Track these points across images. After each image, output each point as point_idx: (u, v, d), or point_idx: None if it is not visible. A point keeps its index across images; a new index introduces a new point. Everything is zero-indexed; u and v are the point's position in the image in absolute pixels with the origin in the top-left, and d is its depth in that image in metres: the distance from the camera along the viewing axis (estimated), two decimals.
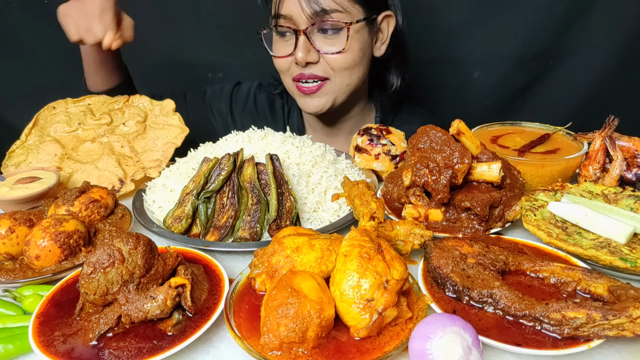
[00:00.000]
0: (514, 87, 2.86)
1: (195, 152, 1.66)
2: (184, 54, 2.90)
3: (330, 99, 1.98)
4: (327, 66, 1.89)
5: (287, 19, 1.83)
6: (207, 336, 0.97)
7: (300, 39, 1.82)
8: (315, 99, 1.97)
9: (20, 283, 1.13)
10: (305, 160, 1.54)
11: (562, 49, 2.71)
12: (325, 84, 1.93)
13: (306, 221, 1.39)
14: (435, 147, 1.27)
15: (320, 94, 1.96)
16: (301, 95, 1.99)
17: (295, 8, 1.79)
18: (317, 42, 1.84)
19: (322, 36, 1.85)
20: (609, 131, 1.42)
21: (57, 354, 0.88)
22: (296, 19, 1.81)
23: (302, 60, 1.84)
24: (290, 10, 1.81)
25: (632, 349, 0.90)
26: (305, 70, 1.90)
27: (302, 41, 1.82)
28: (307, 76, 1.90)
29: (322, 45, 1.85)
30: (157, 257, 1.01)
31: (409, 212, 1.28)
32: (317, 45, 1.84)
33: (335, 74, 1.91)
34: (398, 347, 0.86)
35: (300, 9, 1.79)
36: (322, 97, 1.97)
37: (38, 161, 1.71)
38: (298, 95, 2.01)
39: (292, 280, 0.90)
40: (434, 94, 2.90)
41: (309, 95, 1.96)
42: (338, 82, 1.94)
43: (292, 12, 1.81)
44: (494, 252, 1.07)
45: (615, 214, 1.20)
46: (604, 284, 0.96)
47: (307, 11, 1.78)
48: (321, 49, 1.85)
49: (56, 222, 1.16)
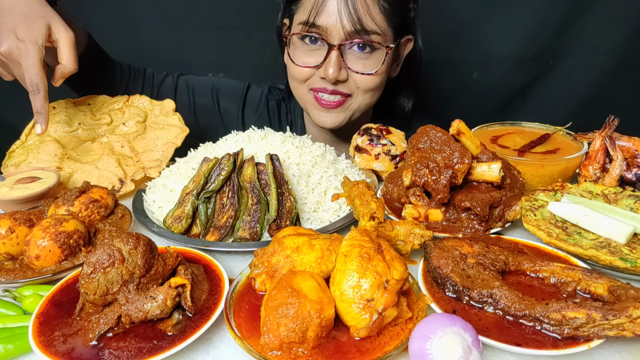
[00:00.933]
0: (514, 87, 2.86)
1: (195, 152, 1.66)
2: (184, 54, 2.90)
3: (348, 116, 1.93)
4: (353, 84, 1.84)
5: (321, 30, 1.74)
6: (207, 336, 0.97)
7: (332, 54, 1.75)
8: (333, 114, 1.91)
9: (20, 283, 1.13)
10: (305, 160, 1.54)
11: (562, 49, 2.71)
12: (346, 100, 1.88)
13: (306, 221, 1.39)
14: (435, 147, 1.27)
15: (339, 110, 1.90)
16: (318, 108, 1.92)
17: (334, 21, 1.71)
18: (349, 59, 1.79)
19: (355, 54, 1.79)
20: (609, 131, 1.42)
21: (57, 354, 0.88)
22: (332, 33, 1.74)
23: (333, 78, 1.77)
24: (328, 22, 1.72)
25: (632, 349, 0.90)
26: (330, 86, 1.83)
27: (335, 57, 1.75)
28: (331, 91, 1.84)
29: (354, 64, 1.79)
30: (157, 257, 1.01)
31: (409, 212, 1.28)
32: (349, 63, 1.79)
33: (359, 93, 1.87)
34: (398, 347, 0.86)
35: (340, 24, 1.71)
36: (340, 113, 1.92)
37: (38, 161, 1.71)
38: (314, 107, 1.93)
39: (292, 280, 0.90)
40: (434, 94, 2.90)
41: (327, 109, 1.90)
42: (359, 101, 1.90)
43: (329, 25, 1.72)
44: (494, 252, 1.07)
45: (615, 214, 1.20)
46: (604, 284, 0.96)
47: (347, 28, 1.71)
48: (352, 67, 1.79)
49: (56, 222, 1.16)
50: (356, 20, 1.71)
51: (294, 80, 1.94)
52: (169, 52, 2.86)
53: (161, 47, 2.85)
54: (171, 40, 2.84)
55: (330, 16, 1.72)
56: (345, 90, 1.85)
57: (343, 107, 1.90)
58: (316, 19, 1.74)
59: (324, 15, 1.72)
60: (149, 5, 2.76)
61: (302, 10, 1.80)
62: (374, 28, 1.74)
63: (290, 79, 1.98)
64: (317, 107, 1.92)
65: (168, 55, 2.87)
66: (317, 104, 1.90)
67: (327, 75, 1.77)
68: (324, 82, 1.84)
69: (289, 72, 1.95)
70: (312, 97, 1.91)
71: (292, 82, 1.97)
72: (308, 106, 1.97)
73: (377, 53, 1.81)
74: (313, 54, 1.82)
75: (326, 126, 1.96)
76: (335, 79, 1.79)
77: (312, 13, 1.74)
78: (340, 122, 1.94)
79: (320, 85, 1.85)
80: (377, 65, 1.81)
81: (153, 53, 2.83)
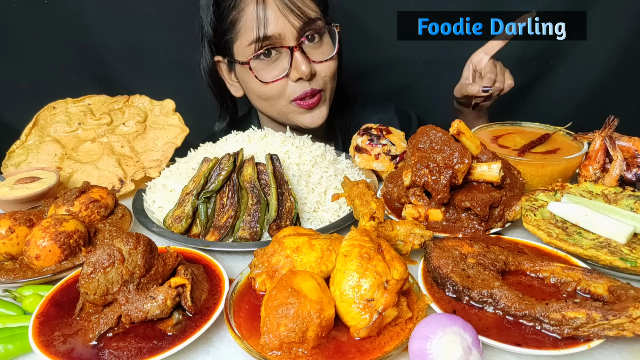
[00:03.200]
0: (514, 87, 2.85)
1: (195, 152, 1.66)
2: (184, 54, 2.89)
3: (327, 108, 1.96)
4: (320, 77, 1.86)
5: (274, 39, 1.75)
6: (207, 336, 0.97)
7: (296, 55, 1.76)
8: (317, 110, 1.92)
9: (20, 283, 1.13)
10: (305, 160, 1.54)
11: (562, 49, 2.70)
12: (322, 94, 1.90)
13: (306, 221, 1.39)
14: (435, 147, 1.27)
15: (321, 104, 1.92)
16: (303, 112, 1.91)
17: (283, 25, 1.72)
18: (308, 54, 1.80)
19: (310, 47, 1.81)
20: (609, 131, 1.42)
21: (57, 354, 0.88)
22: (286, 36, 1.74)
23: (309, 72, 1.77)
24: (277, 28, 1.72)
25: (632, 349, 0.90)
26: (310, 86, 1.84)
27: (300, 56, 1.76)
28: (311, 92, 1.84)
29: (313, 56, 1.81)
30: (157, 257, 1.01)
31: (409, 212, 1.28)
32: (311, 56, 1.80)
33: (328, 81, 1.90)
34: (398, 347, 0.86)
35: (289, 24, 1.72)
36: (323, 106, 1.94)
37: (38, 161, 1.71)
38: (298, 114, 1.92)
39: (292, 280, 0.90)
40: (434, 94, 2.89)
41: (311, 109, 1.91)
42: (330, 88, 1.93)
43: (279, 30, 1.73)
44: (494, 252, 1.07)
45: (615, 214, 1.20)
46: (604, 284, 0.96)
47: (296, 25, 1.73)
48: (314, 59, 1.81)
49: (56, 222, 1.16)
50: (300, 14, 1.73)
51: (270, 99, 1.90)
52: (169, 52, 2.86)
53: (161, 47, 2.84)
54: (171, 40, 2.84)
55: (278, 21, 1.72)
56: (319, 86, 1.87)
57: (322, 101, 1.93)
58: (266, 30, 1.73)
59: (271, 23, 1.72)
60: (149, 5, 2.75)
61: (244, 32, 1.78)
62: (315, 14, 1.79)
63: (263, 101, 1.94)
64: (301, 112, 1.92)
65: (168, 55, 2.86)
66: (301, 109, 1.90)
67: (302, 73, 1.77)
68: (300, 86, 1.83)
69: (260, 95, 1.91)
70: (293, 107, 1.90)
71: (268, 101, 1.92)
72: (291, 115, 1.95)
73: (325, 38, 1.85)
74: (275, 67, 1.81)
75: (316, 124, 1.95)
76: (310, 74, 1.80)
77: (260, 27, 1.73)
78: (325, 115, 1.96)
79: (300, 90, 1.84)
80: (331, 48, 1.85)
81: (153, 53, 2.83)
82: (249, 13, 1.75)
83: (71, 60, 2.82)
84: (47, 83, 2.80)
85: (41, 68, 2.83)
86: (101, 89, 2.33)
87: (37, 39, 2.75)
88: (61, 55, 2.79)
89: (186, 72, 2.37)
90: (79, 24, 2.74)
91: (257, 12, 1.72)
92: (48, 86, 2.78)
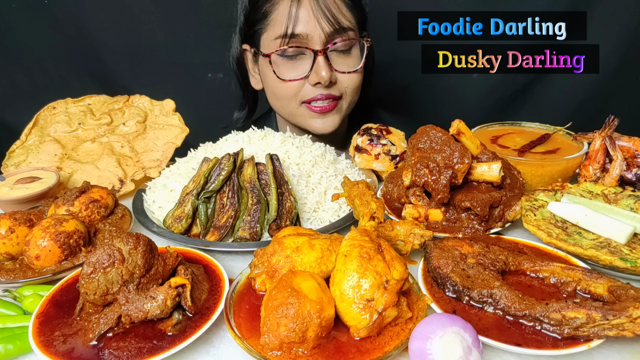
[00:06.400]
0: (514, 87, 2.86)
1: (195, 152, 1.66)
2: (184, 54, 2.90)
3: (341, 117, 1.94)
4: (341, 85, 1.85)
5: (301, 38, 1.75)
6: (207, 336, 0.97)
7: (319, 59, 1.76)
8: (329, 117, 1.91)
9: (20, 283, 1.13)
10: (305, 160, 1.54)
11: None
12: (338, 102, 1.89)
13: (306, 221, 1.39)
14: (435, 147, 1.27)
15: (334, 112, 1.91)
16: (313, 116, 1.90)
17: (313, 26, 1.72)
18: (333, 62, 1.79)
19: (336, 56, 1.80)
20: (609, 131, 1.42)
21: (57, 354, 0.88)
22: (313, 38, 1.74)
23: (328, 79, 1.77)
24: (306, 29, 1.72)
25: (632, 349, 0.90)
26: (327, 91, 1.83)
27: (323, 61, 1.76)
28: (325, 96, 1.84)
29: (338, 65, 1.81)
30: (157, 257, 1.01)
31: (409, 212, 1.28)
32: (334, 65, 1.80)
33: (348, 93, 1.88)
34: (398, 347, 0.86)
35: (320, 27, 1.72)
36: (336, 115, 1.92)
37: (38, 161, 1.71)
38: (309, 117, 1.91)
39: (292, 280, 0.90)
40: (434, 94, 2.90)
41: (323, 114, 1.89)
42: (349, 100, 1.91)
43: (308, 31, 1.73)
44: (494, 252, 1.07)
45: (615, 214, 1.20)
46: (604, 284, 0.96)
47: (326, 30, 1.72)
48: (337, 69, 1.81)
49: (56, 222, 1.16)
50: (333, 20, 1.71)
51: (283, 99, 1.91)
52: (169, 52, 2.86)
53: (161, 47, 2.85)
54: (171, 40, 2.84)
55: (308, 22, 1.72)
56: (336, 93, 1.86)
57: (337, 109, 1.91)
58: (295, 29, 1.73)
59: (302, 22, 1.72)
60: (149, 5, 2.76)
61: (273, 25, 1.79)
62: (349, 24, 1.77)
63: (276, 99, 1.95)
64: (312, 116, 1.91)
65: (168, 55, 2.87)
66: (312, 112, 1.89)
67: (322, 78, 1.76)
68: (315, 90, 1.83)
69: (275, 93, 1.92)
70: (304, 109, 1.90)
71: (281, 101, 1.93)
72: (301, 119, 1.94)
73: (354, 50, 1.84)
74: (296, 67, 1.81)
75: (325, 131, 1.94)
76: (329, 81, 1.79)
77: (289, 24, 1.73)
78: (337, 124, 1.94)
79: (313, 94, 1.84)
80: (358, 61, 1.84)
81: (153, 53, 2.83)
82: (282, 8, 1.75)
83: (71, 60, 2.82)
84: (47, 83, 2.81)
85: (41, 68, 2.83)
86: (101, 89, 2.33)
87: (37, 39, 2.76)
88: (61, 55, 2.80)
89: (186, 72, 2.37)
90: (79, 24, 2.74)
91: (290, 9, 1.73)
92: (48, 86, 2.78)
